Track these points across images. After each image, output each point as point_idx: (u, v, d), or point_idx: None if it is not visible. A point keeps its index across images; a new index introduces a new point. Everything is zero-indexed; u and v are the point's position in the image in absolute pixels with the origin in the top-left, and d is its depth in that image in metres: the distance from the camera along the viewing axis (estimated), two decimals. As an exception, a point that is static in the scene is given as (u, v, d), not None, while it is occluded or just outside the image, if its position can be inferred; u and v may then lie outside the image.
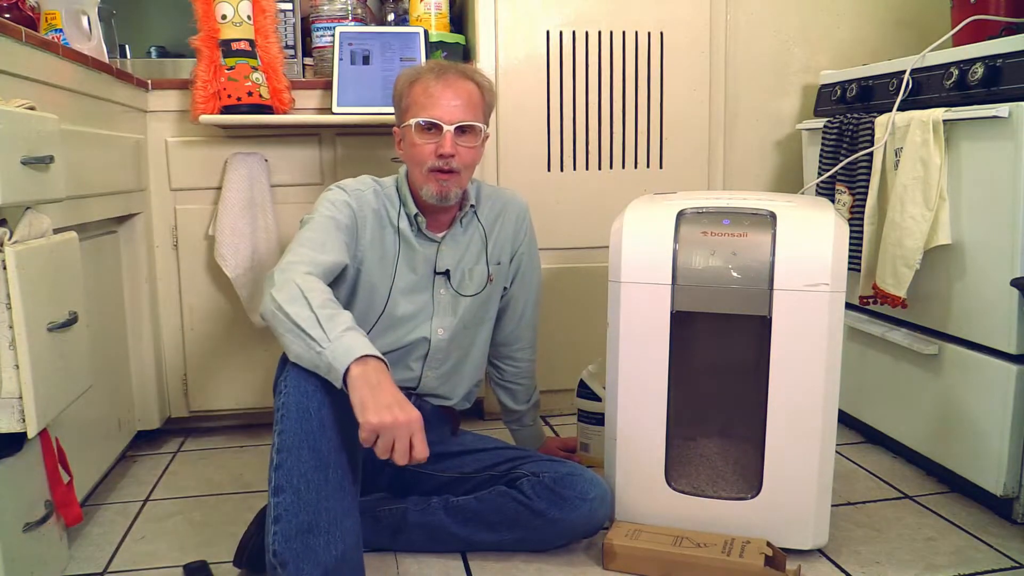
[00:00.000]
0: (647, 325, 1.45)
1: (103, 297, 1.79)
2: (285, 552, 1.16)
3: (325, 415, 1.21)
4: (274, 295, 1.26)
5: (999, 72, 1.53)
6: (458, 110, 1.46)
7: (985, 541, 1.52)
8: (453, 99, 1.45)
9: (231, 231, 1.98)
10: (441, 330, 1.55)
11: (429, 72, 1.49)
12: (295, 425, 1.21)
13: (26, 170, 1.16)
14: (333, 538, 1.18)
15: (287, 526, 1.17)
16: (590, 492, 1.44)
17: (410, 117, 1.47)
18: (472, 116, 1.47)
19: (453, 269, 1.56)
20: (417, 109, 1.46)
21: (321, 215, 1.45)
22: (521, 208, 1.67)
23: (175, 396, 2.13)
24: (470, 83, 1.49)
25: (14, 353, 1.14)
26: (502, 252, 1.63)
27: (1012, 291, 1.50)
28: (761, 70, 2.28)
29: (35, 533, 1.27)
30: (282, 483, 1.19)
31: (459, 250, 1.57)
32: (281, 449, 1.21)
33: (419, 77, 1.49)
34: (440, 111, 1.45)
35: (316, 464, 1.20)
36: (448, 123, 1.44)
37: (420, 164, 1.47)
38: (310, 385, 1.22)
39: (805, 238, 1.39)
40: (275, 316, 1.25)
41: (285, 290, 1.26)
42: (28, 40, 1.35)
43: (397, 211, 1.53)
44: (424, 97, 1.46)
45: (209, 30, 1.95)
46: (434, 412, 1.61)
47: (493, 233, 1.61)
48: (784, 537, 1.44)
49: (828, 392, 1.39)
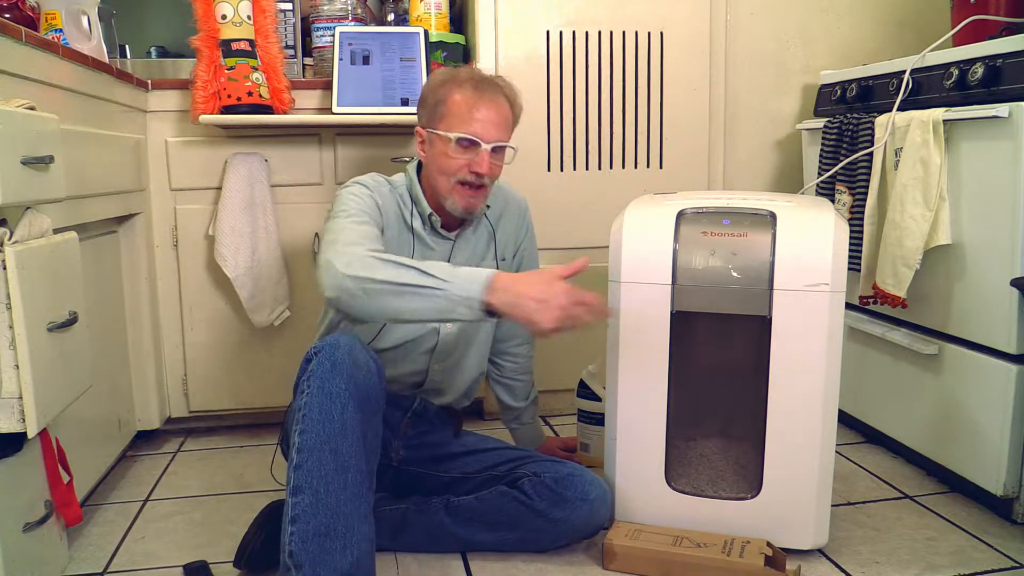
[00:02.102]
0: (647, 325, 1.45)
1: (103, 297, 1.79)
2: (301, 554, 1.16)
3: (348, 418, 1.21)
4: (353, 274, 1.22)
5: (999, 72, 1.53)
6: (497, 129, 1.46)
7: (985, 541, 1.52)
8: (494, 116, 1.45)
9: (231, 231, 1.98)
10: (450, 325, 1.55)
11: (469, 83, 1.46)
12: (317, 426, 1.20)
13: (26, 170, 1.16)
14: (349, 543, 1.17)
15: (304, 527, 1.17)
16: (591, 493, 1.44)
17: (447, 128, 1.45)
18: (507, 135, 1.49)
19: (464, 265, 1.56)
20: (456, 122, 1.44)
21: (350, 208, 1.40)
22: (522, 205, 1.69)
23: (175, 396, 2.13)
24: (506, 101, 1.49)
25: (14, 353, 1.14)
26: (506, 248, 1.65)
27: (1012, 291, 1.50)
28: (761, 70, 2.28)
29: (35, 533, 1.27)
30: (301, 483, 1.18)
31: (470, 247, 1.58)
32: (302, 449, 1.20)
33: (459, 86, 1.46)
34: (481, 129, 1.44)
35: (337, 467, 1.19)
36: (487, 142, 1.44)
37: (449, 174, 1.46)
38: (334, 388, 1.21)
39: (805, 238, 1.39)
40: (367, 292, 1.22)
41: (360, 265, 1.23)
42: (28, 40, 1.35)
43: (410, 210, 1.53)
44: (466, 110, 1.44)
45: (209, 30, 1.95)
46: (437, 413, 1.61)
47: (499, 230, 1.63)
48: (784, 537, 1.44)
49: (828, 392, 1.39)
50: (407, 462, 1.56)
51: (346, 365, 1.22)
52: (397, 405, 1.55)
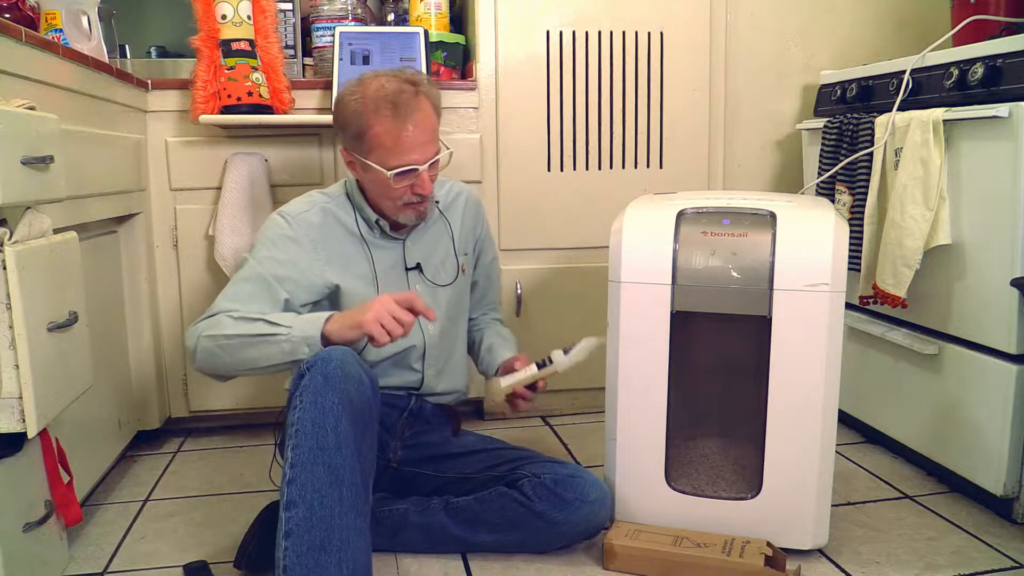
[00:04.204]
0: (647, 325, 1.45)
1: (103, 297, 1.79)
2: (296, 568, 1.15)
3: (342, 432, 1.20)
4: (209, 334, 1.35)
5: (999, 72, 1.53)
6: (428, 144, 1.42)
7: (985, 541, 1.52)
8: (420, 135, 1.40)
9: (231, 231, 1.98)
10: (432, 326, 1.56)
11: (385, 108, 1.38)
12: (310, 440, 1.19)
13: (26, 170, 1.16)
14: (345, 556, 1.17)
15: (299, 541, 1.16)
16: (591, 494, 1.44)
17: (378, 161, 1.40)
18: (437, 145, 1.45)
19: (424, 262, 1.56)
20: (385, 155, 1.39)
21: (250, 268, 1.43)
22: (472, 196, 1.69)
23: (175, 396, 2.13)
24: (426, 103, 1.42)
25: (14, 353, 1.14)
26: (466, 242, 1.65)
27: (1012, 291, 1.50)
28: (761, 70, 2.28)
29: (35, 533, 1.27)
30: (295, 498, 1.18)
31: (426, 243, 1.58)
32: (295, 464, 1.19)
33: (376, 116, 1.38)
34: (415, 155, 1.40)
35: (331, 481, 1.18)
36: (423, 164, 1.42)
37: (393, 199, 1.44)
38: (327, 402, 1.20)
39: (805, 238, 1.39)
40: (222, 348, 1.34)
41: (217, 325, 1.35)
42: (28, 40, 1.35)
43: (353, 219, 1.52)
44: (392, 143, 1.39)
45: (209, 30, 1.95)
46: (434, 412, 1.61)
47: (456, 225, 1.63)
48: (784, 537, 1.44)
49: (828, 392, 1.39)
50: (406, 462, 1.56)
51: (338, 379, 1.22)
52: (393, 406, 1.55)
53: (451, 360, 1.63)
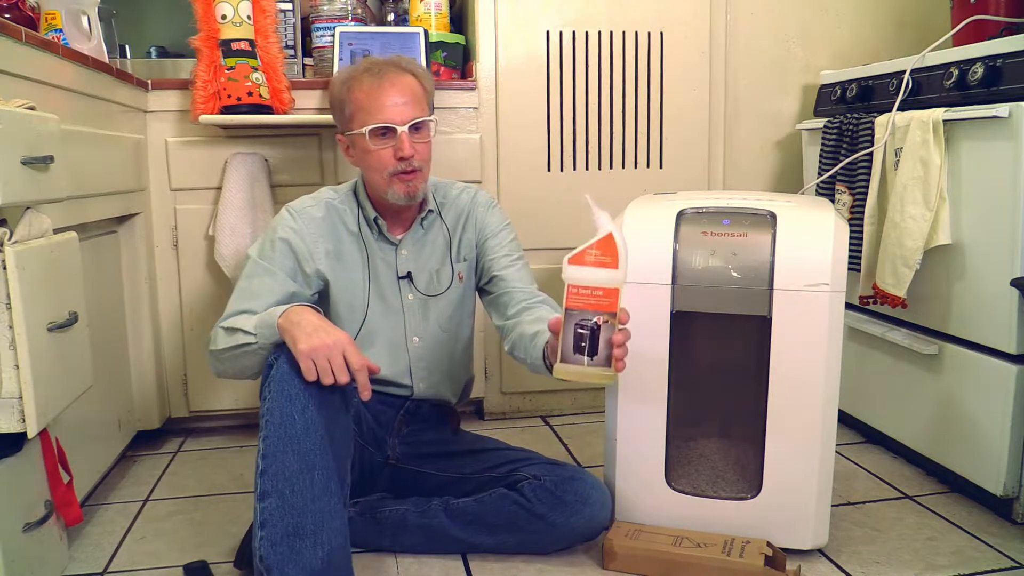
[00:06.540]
0: (647, 325, 1.45)
1: (103, 297, 1.79)
2: (271, 556, 1.16)
3: (309, 418, 1.21)
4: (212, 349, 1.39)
5: (999, 72, 1.53)
6: (408, 107, 1.42)
7: (985, 541, 1.52)
8: (399, 97, 1.41)
9: (231, 231, 1.98)
10: (416, 339, 1.55)
11: (366, 73, 1.43)
12: (278, 430, 1.20)
13: (26, 170, 1.16)
14: (320, 540, 1.17)
15: (273, 531, 1.17)
16: (591, 496, 1.44)
17: (358, 125, 1.42)
18: (421, 111, 1.45)
19: (416, 272, 1.54)
20: (364, 115, 1.42)
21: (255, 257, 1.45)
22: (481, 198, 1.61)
23: (175, 396, 2.13)
24: (409, 76, 1.45)
25: (14, 353, 1.14)
26: (468, 250, 1.59)
27: (1012, 291, 1.50)
28: (761, 70, 2.28)
29: (35, 533, 1.27)
30: (267, 488, 1.19)
31: (421, 252, 1.55)
32: (266, 455, 1.20)
33: (356, 81, 1.43)
34: (391, 113, 1.41)
35: (301, 467, 1.19)
36: (401, 124, 1.41)
37: (380, 170, 1.44)
38: (293, 389, 1.21)
39: (805, 238, 1.39)
40: (222, 362, 1.38)
41: (214, 339, 1.39)
42: (28, 40, 1.35)
43: (355, 217, 1.52)
44: (369, 101, 1.41)
45: (209, 30, 1.95)
46: (431, 411, 1.61)
47: (457, 232, 1.58)
48: (784, 537, 1.44)
49: (828, 392, 1.39)
50: (404, 459, 1.56)
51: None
52: (389, 404, 1.56)
53: (445, 370, 1.60)
